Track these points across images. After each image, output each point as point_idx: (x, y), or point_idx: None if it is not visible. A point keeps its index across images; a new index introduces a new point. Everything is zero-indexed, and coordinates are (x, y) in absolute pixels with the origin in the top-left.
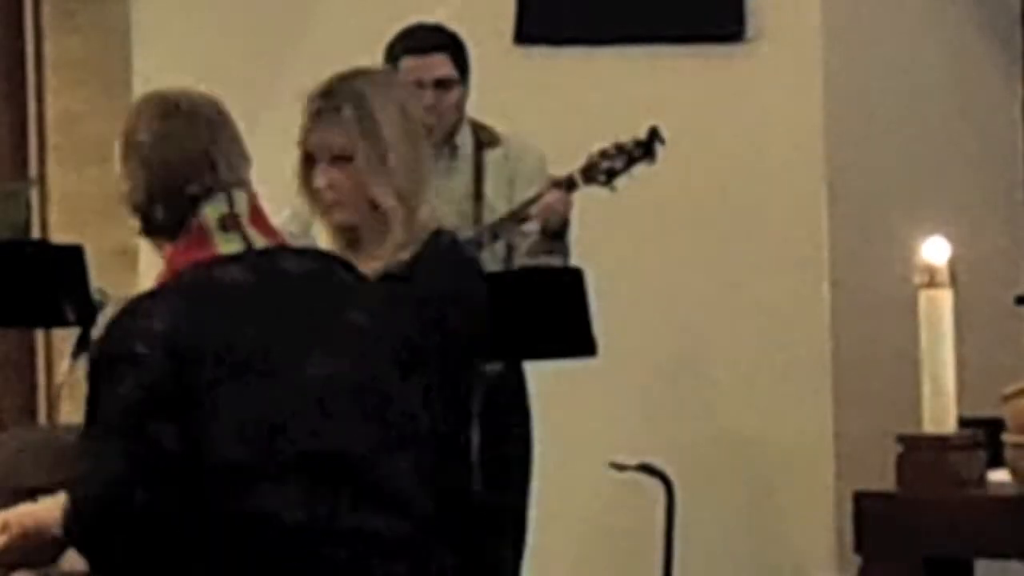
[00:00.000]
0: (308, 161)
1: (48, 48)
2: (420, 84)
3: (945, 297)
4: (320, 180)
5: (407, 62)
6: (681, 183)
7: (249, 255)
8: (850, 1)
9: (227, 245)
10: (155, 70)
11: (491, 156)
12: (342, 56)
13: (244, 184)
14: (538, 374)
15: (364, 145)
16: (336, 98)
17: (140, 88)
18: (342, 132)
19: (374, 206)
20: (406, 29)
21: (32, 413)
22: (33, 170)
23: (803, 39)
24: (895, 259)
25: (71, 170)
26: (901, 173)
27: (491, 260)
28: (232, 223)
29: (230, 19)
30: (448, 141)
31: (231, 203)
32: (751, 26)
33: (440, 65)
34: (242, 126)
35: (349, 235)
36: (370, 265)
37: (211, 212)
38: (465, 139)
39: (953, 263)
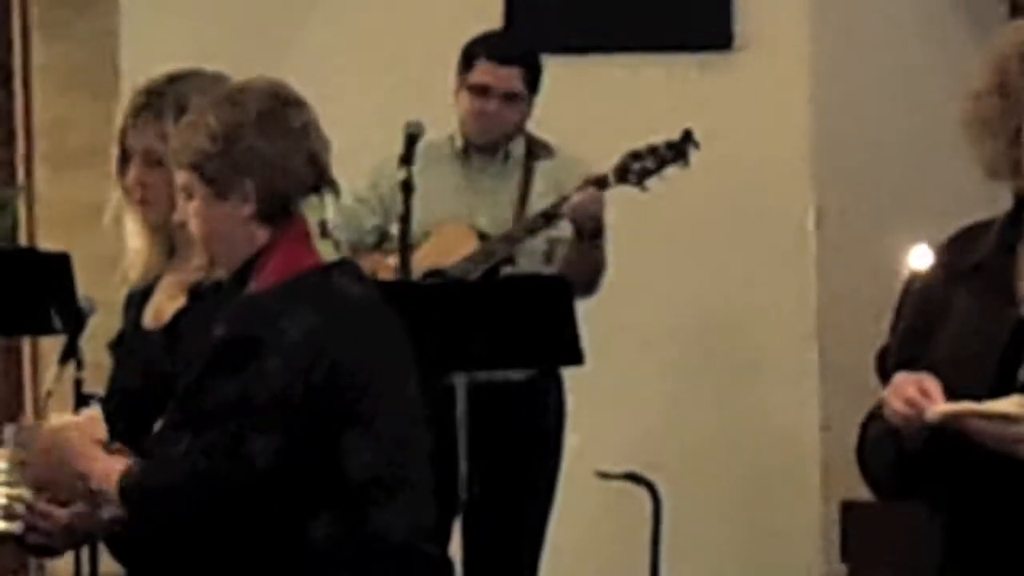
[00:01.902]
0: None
1: (36, 55)
2: (488, 90)
3: None
4: (130, 177)
5: (482, 66)
6: (669, 190)
7: (349, 266)
8: (838, 9)
9: (325, 251)
10: (144, 77)
11: (542, 166)
12: (334, 64)
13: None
14: None
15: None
16: (160, 98)
17: (128, 95)
18: (158, 134)
19: None
20: (490, 32)
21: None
22: (20, 177)
23: (791, 47)
24: (882, 267)
25: (59, 177)
26: (888, 180)
27: (530, 255)
28: (325, 230)
29: (220, 25)
30: (503, 147)
31: (323, 208)
32: (739, 34)
33: (514, 79)
34: None
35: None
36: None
37: (310, 214)
38: (518, 147)
39: None
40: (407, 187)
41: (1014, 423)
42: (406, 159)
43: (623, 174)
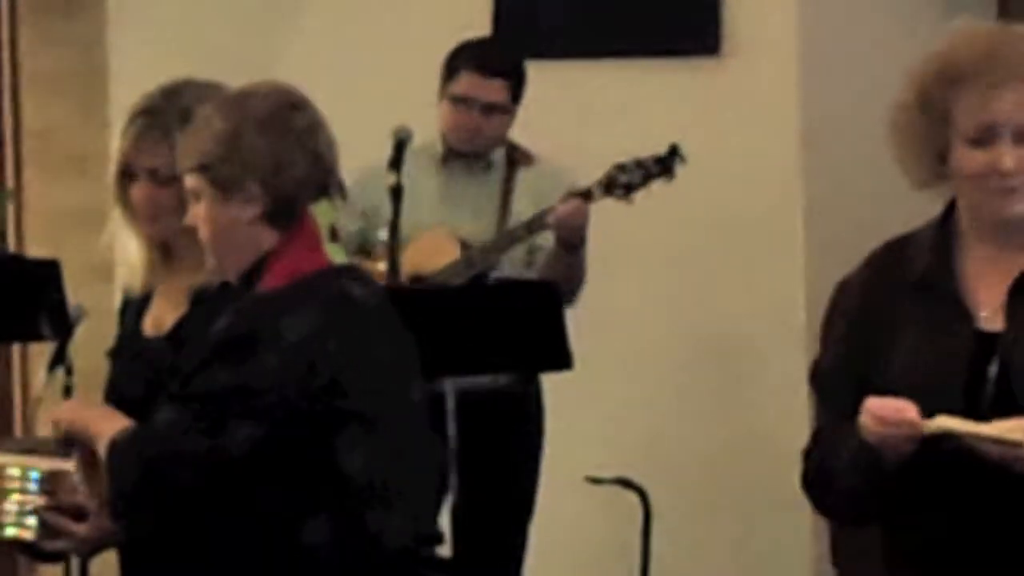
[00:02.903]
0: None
1: (25, 61)
2: (470, 102)
3: None
4: (137, 196)
5: (466, 76)
6: (656, 196)
7: (356, 270)
8: (826, 15)
9: (335, 254)
10: (132, 84)
11: (523, 175)
12: (323, 69)
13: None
14: None
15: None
16: (162, 116)
17: (116, 101)
18: (166, 152)
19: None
20: (476, 42)
21: (8, 427)
22: (10, 183)
23: (779, 53)
24: None
25: (48, 183)
26: (876, 187)
27: (510, 265)
28: (335, 234)
29: (208, 33)
30: (484, 156)
31: (331, 208)
32: (727, 40)
33: (496, 91)
34: None
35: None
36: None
37: (321, 217)
38: (499, 155)
39: None
40: (396, 192)
41: (1015, 447)
42: (395, 164)
43: (609, 187)
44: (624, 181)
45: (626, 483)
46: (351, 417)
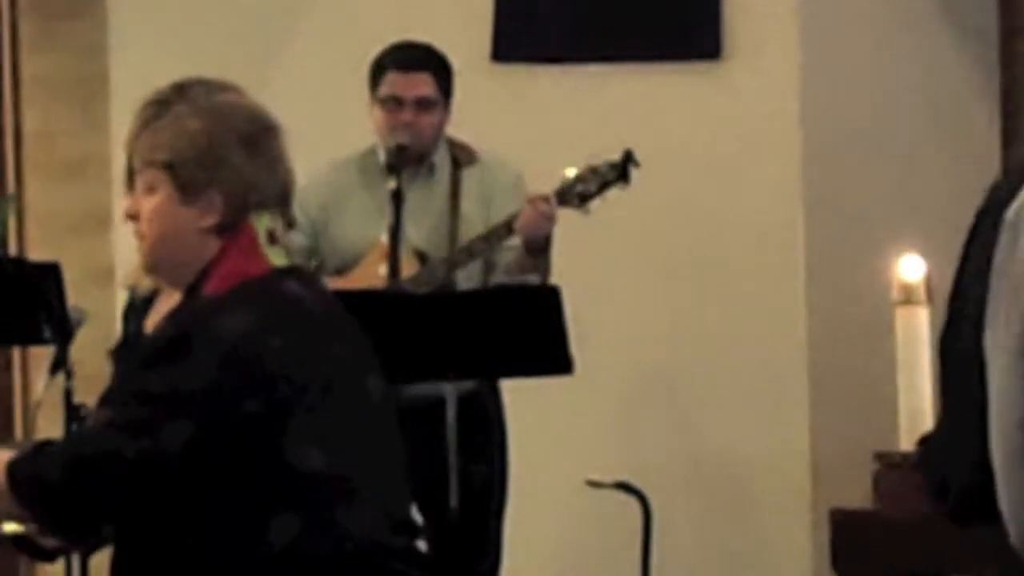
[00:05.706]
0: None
1: (25, 64)
2: (400, 100)
3: (921, 315)
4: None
5: (391, 76)
6: (657, 201)
7: (296, 271)
8: (827, 19)
9: (275, 258)
10: (133, 87)
11: (468, 174)
12: (322, 73)
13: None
14: (515, 392)
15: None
16: (169, 107)
17: (117, 105)
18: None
19: None
20: (396, 44)
21: (9, 430)
22: (10, 187)
23: (780, 57)
24: (871, 277)
25: (49, 187)
26: (877, 191)
27: (466, 280)
28: (274, 237)
29: (209, 37)
30: (425, 160)
31: (271, 218)
32: (728, 44)
33: (423, 84)
34: None
35: None
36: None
37: (258, 224)
38: (442, 158)
39: (929, 281)
40: (396, 196)
41: None
42: (395, 169)
43: (565, 197)
44: (580, 190)
45: (626, 487)
46: (302, 413)
